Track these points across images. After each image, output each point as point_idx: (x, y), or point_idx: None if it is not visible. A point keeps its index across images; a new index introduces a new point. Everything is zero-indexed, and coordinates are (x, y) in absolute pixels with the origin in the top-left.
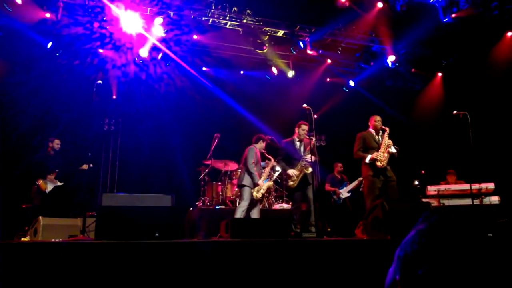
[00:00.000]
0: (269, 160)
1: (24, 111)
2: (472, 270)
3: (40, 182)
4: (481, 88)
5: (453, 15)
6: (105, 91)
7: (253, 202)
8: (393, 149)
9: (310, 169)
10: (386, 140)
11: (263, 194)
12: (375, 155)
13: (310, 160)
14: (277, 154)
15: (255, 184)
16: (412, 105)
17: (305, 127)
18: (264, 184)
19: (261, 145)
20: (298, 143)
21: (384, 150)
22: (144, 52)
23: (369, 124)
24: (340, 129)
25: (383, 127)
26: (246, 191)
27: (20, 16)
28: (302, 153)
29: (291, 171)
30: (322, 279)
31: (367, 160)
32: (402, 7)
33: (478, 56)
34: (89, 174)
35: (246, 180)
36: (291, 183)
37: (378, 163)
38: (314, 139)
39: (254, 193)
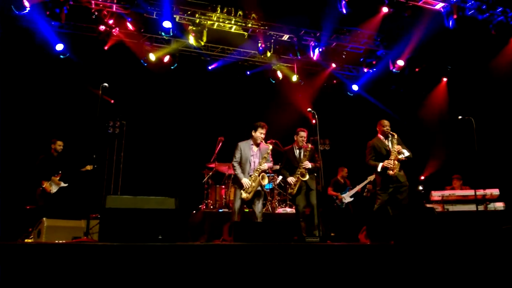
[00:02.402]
0: (269, 145)
1: (29, 112)
2: None
3: (45, 184)
4: (486, 94)
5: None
6: (110, 93)
7: (249, 202)
8: (405, 154)
9: (306, 177)
10: (395, 147)
11: (258, 193)
12: (385, 163)
13: (307, 167)
14: (280, 158)
15: (240, 184)
16: (417, 110)
17: (303, 134)
18: (250, 184)
19: (256, 134)
20: (297, 151)
21: (395, 157)
22: (152, 56)
23: (377, 129)
24: (344, 133)
25: (391, 132)
26: (234, 191)
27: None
28: (301, 160)
29: (289, 179)
30: (325, 284)
31: (378, 169)
32: (407, 12)
33: (483, 62)
34: (93, 176)
35: (234, 179)
36: (290, 190)
37: (390, 172)
38: (309, 145)
39: (244, 195)
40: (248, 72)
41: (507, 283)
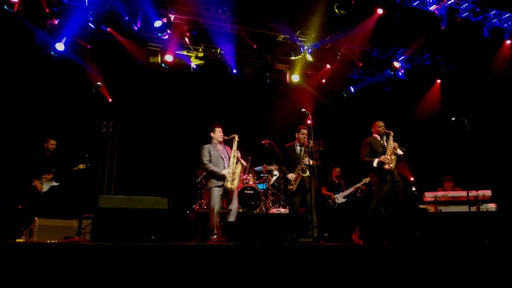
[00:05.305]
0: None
1: (22, 111)
2: None
3: (36, 182)
4: (479, 96)
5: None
6: (104, 93)
7: (228, 202)
8: (399, 151)
9: (307, 173)
10: (391, 143)
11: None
12: (382, 158)
13: (308, 164)
14: (276, 158)
15: (222, 177)
16: (411, 111)
17: (304, 131)
18: (233, 172)
19: (216, 134)
20: (298, 148)
21: (391, 152)
22: (152, 58)
23: (372, 130)
24: (338, 134)
25: (387, 131)
26: (212, 193)
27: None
28: (301, 158)
29: (290, 175)
30: (318, 284)
31: (375, 164)
32: (402, 14)
33: (477, 64)
34: (86, 175)
35: (210, 182)
36: (290, 187)
37: (386, 166)
38: (311, 142)
39: (229, 185)
40: (242, 74)
41: (498, 283)
